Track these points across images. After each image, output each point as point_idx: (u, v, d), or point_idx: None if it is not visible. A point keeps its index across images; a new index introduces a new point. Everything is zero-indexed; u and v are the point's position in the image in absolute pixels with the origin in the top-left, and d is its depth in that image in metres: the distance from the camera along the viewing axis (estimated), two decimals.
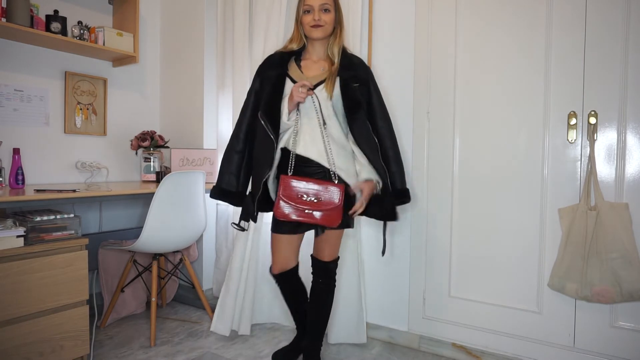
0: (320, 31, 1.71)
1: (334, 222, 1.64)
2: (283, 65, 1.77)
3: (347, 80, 1.70)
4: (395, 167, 1.78)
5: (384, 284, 2.27)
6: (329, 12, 1.71)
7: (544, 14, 1.87)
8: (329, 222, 1.64)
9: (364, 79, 1.75)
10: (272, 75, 1.75)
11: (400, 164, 1.80)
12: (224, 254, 2.81)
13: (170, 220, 2.24)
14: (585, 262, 1.71)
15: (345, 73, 1.72)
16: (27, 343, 1.74)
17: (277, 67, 1.76)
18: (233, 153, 1.81)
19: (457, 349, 2.08)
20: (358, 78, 1.73)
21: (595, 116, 1.76)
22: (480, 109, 2.03)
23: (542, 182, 1.89)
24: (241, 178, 1.82)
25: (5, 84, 2.32)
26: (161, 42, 3.09)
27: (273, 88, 1.72)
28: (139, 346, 2.17)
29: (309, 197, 1.63)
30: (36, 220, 1.82)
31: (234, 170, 1.80)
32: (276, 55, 1.82)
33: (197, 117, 2.89)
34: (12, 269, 1.69)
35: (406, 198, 1.82)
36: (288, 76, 1.75)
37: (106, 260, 2.49)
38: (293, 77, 1.74)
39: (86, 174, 2.68)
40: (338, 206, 1.62)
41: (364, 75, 1.76)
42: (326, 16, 1.70)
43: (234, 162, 1.81)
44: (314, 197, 1.63)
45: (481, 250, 2.04)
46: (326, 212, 1.62)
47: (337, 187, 1.63)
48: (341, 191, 1.63)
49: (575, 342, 1.83)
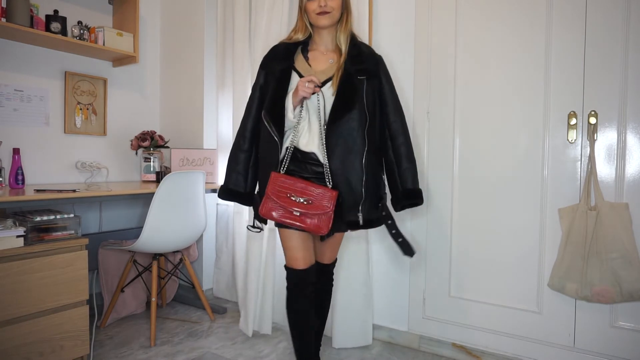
0: (327, 18, 1.59)
1: (322, 229, 1.52)
2: (289, 58, 1.65)
3: (352, 76, 1.58)
4: (407, 164, 1.66)
5: (384, 284, 2.27)
6: None
7: (544, 13, 1.87)
8: (317, 230, 1.52)
9: (374, 70, 1.64)
10: (276, 69, 1.64)
11: (413, 161, 1.68)
12: (224, 254, 2.81)
13: (170, 220, 2.24)
14: (585, 262, 1.71)
15: (353, 67, 1.60)
16: (27, 343, 1.74)
17: (282, 60, 1.65)
18: (239, 152, 1.74)
19: (457, 349, 2.08)
20: (366, 71, 1.61)
21: (595, 116, 1.76)
22: (481, 109, 2.03)
23: (542, 182, 1.89)
24: (249, 177, 1.74)
25: (5, 84, 2.32)
26: (161, 42, 3.09)
27: (278, 83, 1.62)
28: (139, 346, 2.17)
29: (297, 198, 1.52)
30: (36, 220, 1.82)
31: (241, 170, 1.73)
32: (281, 47, 1.70)
33: (197, 117, 2.89)
34: (12, 269, 1.69)
35: (419, 199, 1.68)
36: (295, 70, 1.64)
37: (106, 260, 2.49)
38: (300, 72, 1.63)
39: (86, 174, 2.68)
40: (327, 213, 1.51)
41: (373, 67, 1.64)
42: (332, 1, 1.58)
43: (240, 162, 1.73)
44: (304, 199, 1.52)
45: (481, 250, 2.04)
46: (315, 217, 1.52)
47: (329, 192, 1.52)
48: (333, 197, 1.51)
49: (576, 342, 1.83)
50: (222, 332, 2.37)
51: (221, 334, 2.34)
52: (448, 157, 2.11)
